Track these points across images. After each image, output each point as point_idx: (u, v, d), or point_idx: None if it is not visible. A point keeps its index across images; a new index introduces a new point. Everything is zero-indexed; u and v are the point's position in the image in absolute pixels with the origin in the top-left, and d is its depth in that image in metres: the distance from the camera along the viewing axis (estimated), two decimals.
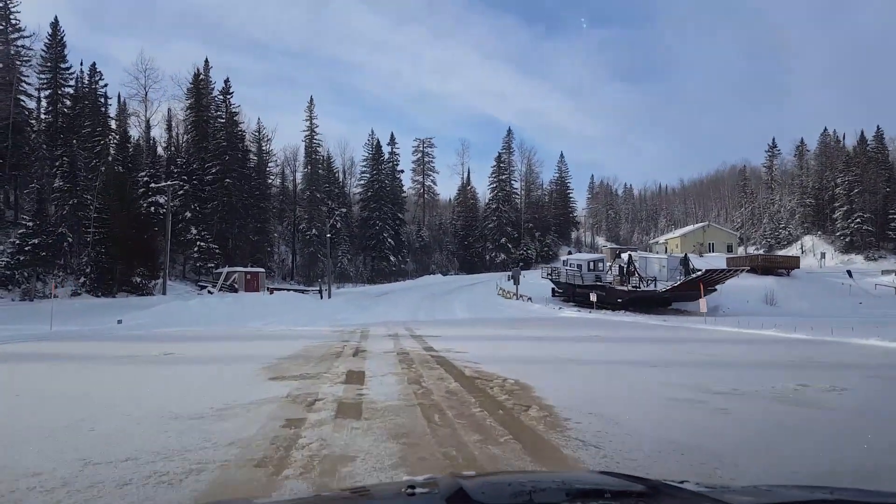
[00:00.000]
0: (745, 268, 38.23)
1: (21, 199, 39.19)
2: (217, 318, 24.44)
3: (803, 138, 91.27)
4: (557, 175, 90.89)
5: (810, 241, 79.04)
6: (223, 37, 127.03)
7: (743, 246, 79.04)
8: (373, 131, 73.06)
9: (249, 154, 50.52)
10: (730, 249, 67.89)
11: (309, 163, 61.07)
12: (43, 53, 45.77)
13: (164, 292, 33.65)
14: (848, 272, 48.88)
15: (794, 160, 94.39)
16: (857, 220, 74.76)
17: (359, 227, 69.53)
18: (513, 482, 1.63)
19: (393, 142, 74.84)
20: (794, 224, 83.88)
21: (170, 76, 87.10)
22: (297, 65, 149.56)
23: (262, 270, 41.74)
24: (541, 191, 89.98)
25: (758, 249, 77.50)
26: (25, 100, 44.37)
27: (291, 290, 42.41)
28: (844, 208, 76.97)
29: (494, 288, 49.56)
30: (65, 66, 46.53)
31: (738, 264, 45.70)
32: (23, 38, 43.91)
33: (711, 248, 63.95)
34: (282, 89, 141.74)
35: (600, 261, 41.98)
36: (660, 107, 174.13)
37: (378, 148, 71.57)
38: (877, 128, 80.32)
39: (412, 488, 1.39)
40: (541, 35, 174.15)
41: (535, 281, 46.70)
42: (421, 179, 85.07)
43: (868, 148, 78.13)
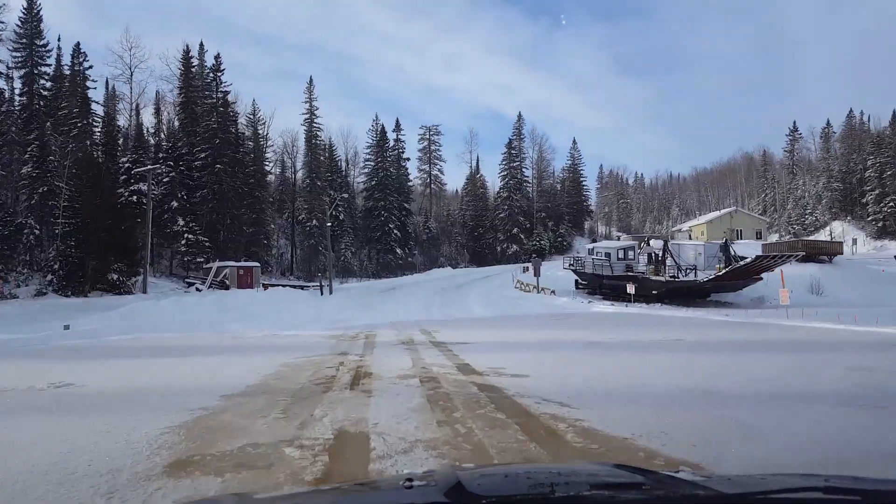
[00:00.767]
0: (799, 253, 34.03)
1: None
2: (194, 320, 20.53)
3: (829, 119, 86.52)
4: (570, 162, 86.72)
5: (840, 227, 74.65)
6: (229, 30, 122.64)
7: (769, 233, 74.72)
8: (377, 116, 68.76)
9: (243, 138, 46.45)
10: (759, 236, 63.63)
11: (309, 149, 56.84)
12: (17, 29, 41.89)
13: (144, 290, 29.84)
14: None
15: (815, 145, 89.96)
16: (891, 204, 70.35)
17: (363, 219, 65.51)
18: (510, 473, 1.63)
19: (398, 128, 70.81)
20: (822, 209, 79.32)
21: (158, 56, 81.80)
22: (303, 59, 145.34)
23: (257, 265, 37.90)
24: (552, 179, 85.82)
25: (782, 237, 73.16)
26: None
27: (288, 287, 38.55)
28: (876, 192, 72.54)
29: (509, 280, 45.74)
30: (41, 44, 42.60)
31: (776, 250, 41.74)
32: None
33: (740, 235, 59.73)
34: (287, 84, 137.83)
35: (631, 249, 37.85)
36: (668, 98, 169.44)
37: (383, 134, 67.42)
38: None
39: (410, 481, 1.37)
40: (546, 29, 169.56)
41: (553, 273, 42.59)
42: (427, 169, 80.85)
43: None
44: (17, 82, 42.03)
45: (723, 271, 32.87)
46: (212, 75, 42.43)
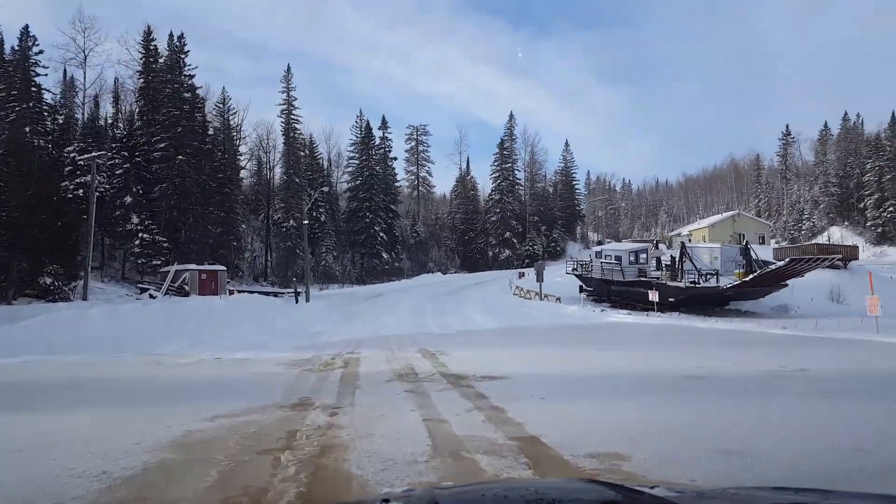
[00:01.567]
0: (835, 256, 30.46)
1: None
2: (126, 335, 16.02)
3: (827, 122, 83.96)
4: (563, 165, 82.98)
5: (838, 233, 71.80)
6: (211, 36, 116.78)
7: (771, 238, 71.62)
8: (361, 111, 64.39)
9: (210, 128, 41.63)
10: (762, 240, 60.22)
11: (287, 143, 52.00)
12: None
13: (84, 297, 25.20)
14: None
15: (800, 151, 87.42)
16: (891, 209, 67.62)
17: (346, 221, 60.92)
18: (487, 492, 1.56)
19: (385, 126, 66.38)
20: (819, 214, 76.43)
21: (116, 38, 74.64)
22: (285, 65, 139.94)
23: (223, 269, 33.29)
24: (544, 182, 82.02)
25: (779, 242, 70.09)
26: None
27: (256, 293, 33.98)
28: (875, 196, 69.85)
29: (506, 286, 41.79)
30: None
31: (788, 255, 38.48)
32: None
33: (742, 239, 56.16)
34: (271, 90, 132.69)
35: (643, 251, 33.97)
36: (654, 106, 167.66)
37: (368, 131, 62.92)
38: None
39: (387, 501, 1.36)
40: (530, 37, 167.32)
41: (551, 278, 38.39)
42: (415, 170, 76.48)
43: None
44: None
45: (750, 276, 29.11)
46: (175, 57, 37.69)
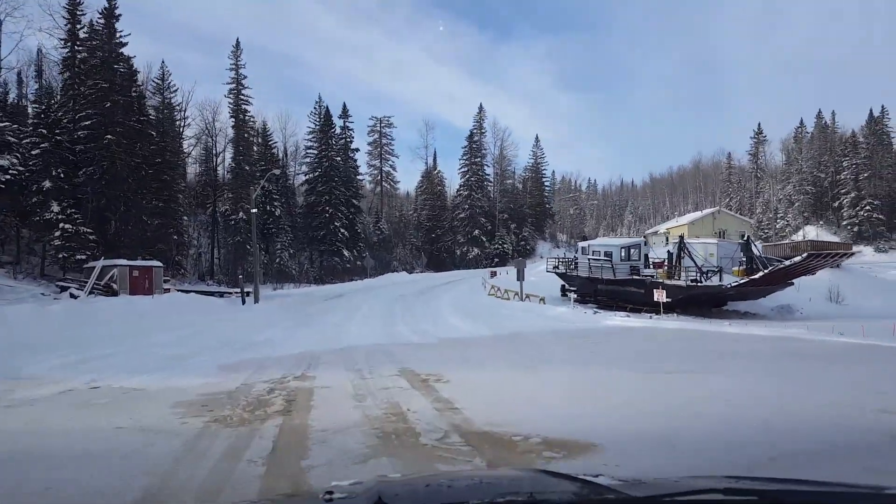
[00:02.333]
0: (853, 252, 27.93)
1: None
2: None
3: (803, 119, 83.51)
4: (533, 161, 79.88)
5: (813, 232, 70.87)
6: (167, 29, 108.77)
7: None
8: (320, 97, 59.79)
9: (146, 104, 36.41)
10: (744, 238, 58.41)
11: (236, 126, 46.74)
12: None
13: None
14: None
15: (780, 149, 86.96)
16: (867, 208, 66.96)
17: (304, 216, 56.20)
18: (432, 483, 1.55)
19: (346, 115, 61.72)
20: (794, 213, 75.57)
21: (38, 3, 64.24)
22: (244, 61, 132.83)
23: (159, 265, 28.64)
24: (514, 179, 78.83)
25: (754, 242, 68.81)
26: None
27: (194, 293, 29.40)
28: (851, 195, 69.10)
29: (478, 286, 38.28)
30: None
31: (772, 254, 36.51)
32: None
33: (723, 236, 54.19)
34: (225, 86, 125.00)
35: (636, 247, 30.75)
36: (617, 109, 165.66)
37: (327, 119, 58.22)
38: (881, 108, 72.98)
39: (330, 494, 1.32)
40: (493, 40, 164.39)
41: (526, 278, 34.81)
42: (378, 164, 72.06)
43: (876, 129, 70.58)
44: None
45: (759, 273, 26.32)
46: (103, 21, 32.49)
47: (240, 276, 31.12)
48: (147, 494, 3.28)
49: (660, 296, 22.72)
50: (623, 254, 29.95)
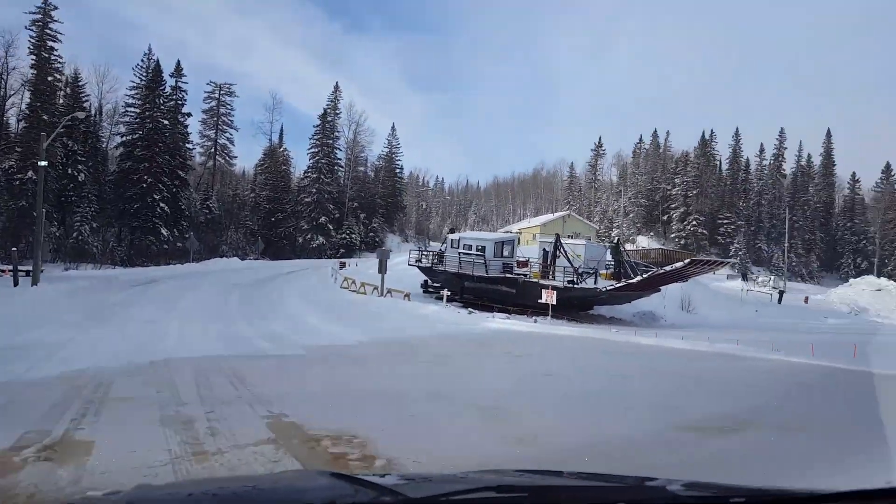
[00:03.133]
0: (733, 260, 27.94)
1: None
2: None
3: (642, 135, 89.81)
4: (387, 150, 76.02)
5: (645, 242, 76.15)
6: None
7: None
8: (150, 48, 50.17)
9: None
10: (613, 241, 60.57)
11: (37, 64, 35.91)
12: None
13: None
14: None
15: (614, 164, 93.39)
16: (693, 223, 73.17)
17: (115, 186, 46.64)
18: (194, 492, 1.36)
19: (179, 73, 52.60)
20: (628, 223, 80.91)
21: None
22: (55, 14, 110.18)
23: None
24: (366, 167, 74.49)
25: (623, 245, 72.51)
26: None
27: None
28: (680, 210, 75.05)
29: (327, 278, 33.98)
30: None
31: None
32: None
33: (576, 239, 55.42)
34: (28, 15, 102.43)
35: (510, 243, 28.51)
36: (464, 113, 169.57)
37: (157, 74, 48.78)
38: (711, 132, 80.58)
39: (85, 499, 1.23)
40: (343, 30, 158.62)
41: (373, 271, 31.36)
42: (213, 135, 63.28)
43: (707, 150, 77.77)
44: None
45: (636, 278, 25.28)
46: None
47: (13, 250, 23.07)
48: None
49: (549, 297, 20.27)
50: (496, 249, 27.54)
